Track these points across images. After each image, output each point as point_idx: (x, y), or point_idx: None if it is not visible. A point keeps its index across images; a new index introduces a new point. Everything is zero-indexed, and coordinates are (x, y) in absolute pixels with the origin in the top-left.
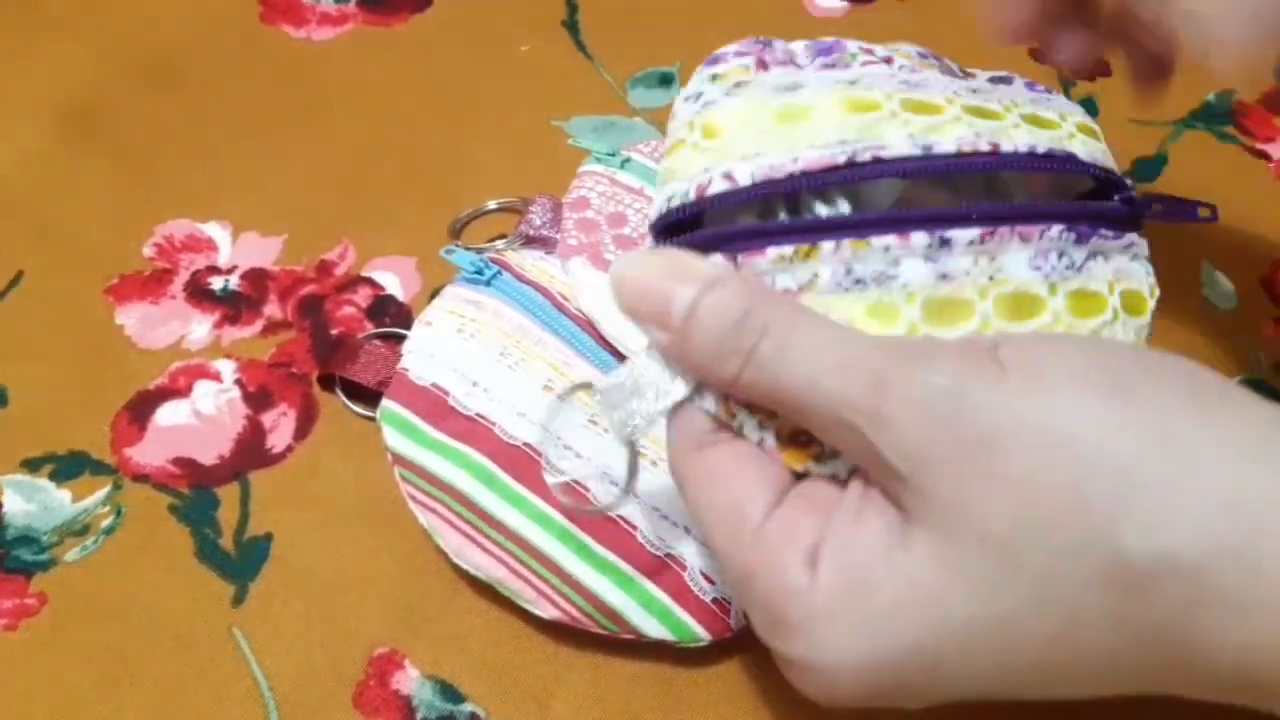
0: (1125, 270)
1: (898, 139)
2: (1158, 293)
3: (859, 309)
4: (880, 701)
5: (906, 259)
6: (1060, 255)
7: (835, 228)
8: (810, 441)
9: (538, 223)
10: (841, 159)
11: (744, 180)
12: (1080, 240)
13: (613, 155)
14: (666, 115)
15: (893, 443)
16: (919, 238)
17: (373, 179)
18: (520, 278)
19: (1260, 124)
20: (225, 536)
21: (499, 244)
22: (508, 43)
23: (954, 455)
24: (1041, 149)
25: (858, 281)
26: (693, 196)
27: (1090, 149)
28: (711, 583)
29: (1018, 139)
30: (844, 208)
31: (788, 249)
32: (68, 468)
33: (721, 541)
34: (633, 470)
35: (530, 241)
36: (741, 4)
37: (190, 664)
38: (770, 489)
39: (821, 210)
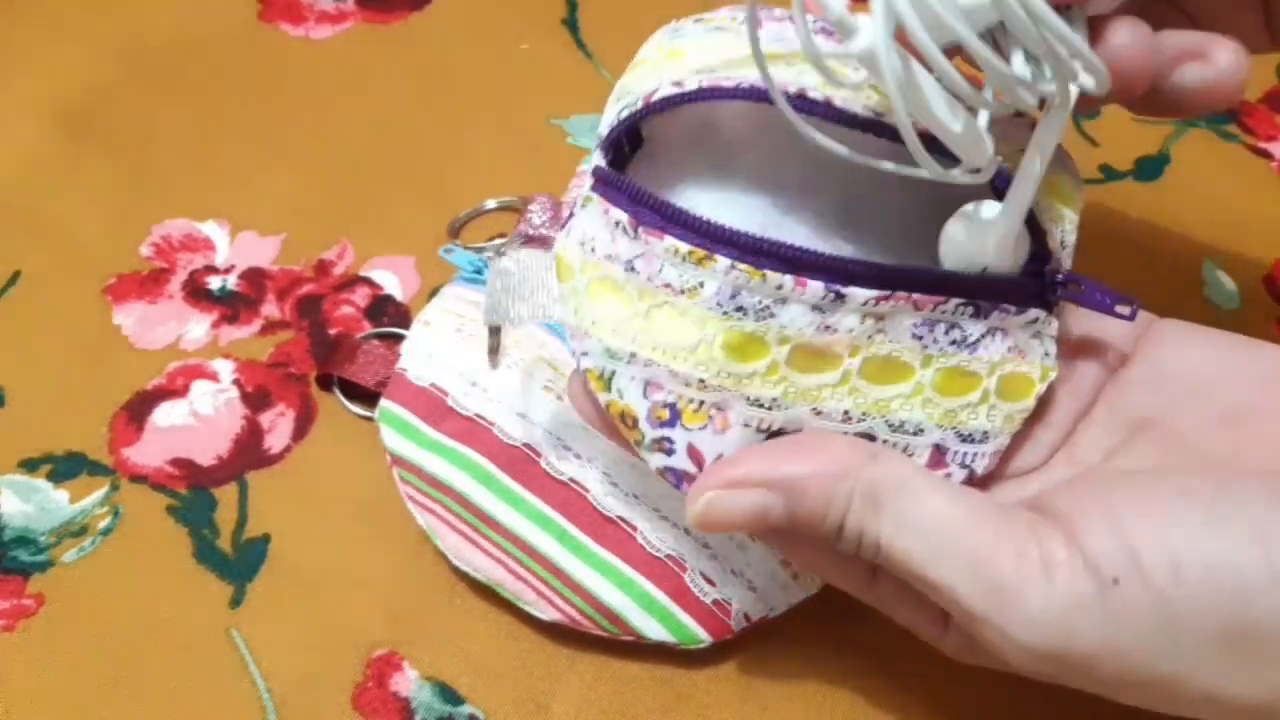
0: (1020, 348)
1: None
2: (1052, 375)
3: (726, 335)
4: None
5: (794, 304)
6: (949, 328)
7: (738, 244)
8: (634, 426)
9: (537, 222)
10: (792, 89)
11: (691, 86)
12: (978, 315)
13: None
14: None
15: (999, 661)
16: (814, 288)
17: (371, 178)
18: None
19: (1263, 123)
20: (223, 537)
21: (498, 243)
22: (507, 41)
23: (1060, 678)
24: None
25: (739, 308)
26: (640, 105)
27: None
28: (712, 584)
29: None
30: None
31: (685, 246)
32: (65, 468)
33: (839, 585)
34: (494, 345)
35: (530, 241)
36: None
37: (188, 665)
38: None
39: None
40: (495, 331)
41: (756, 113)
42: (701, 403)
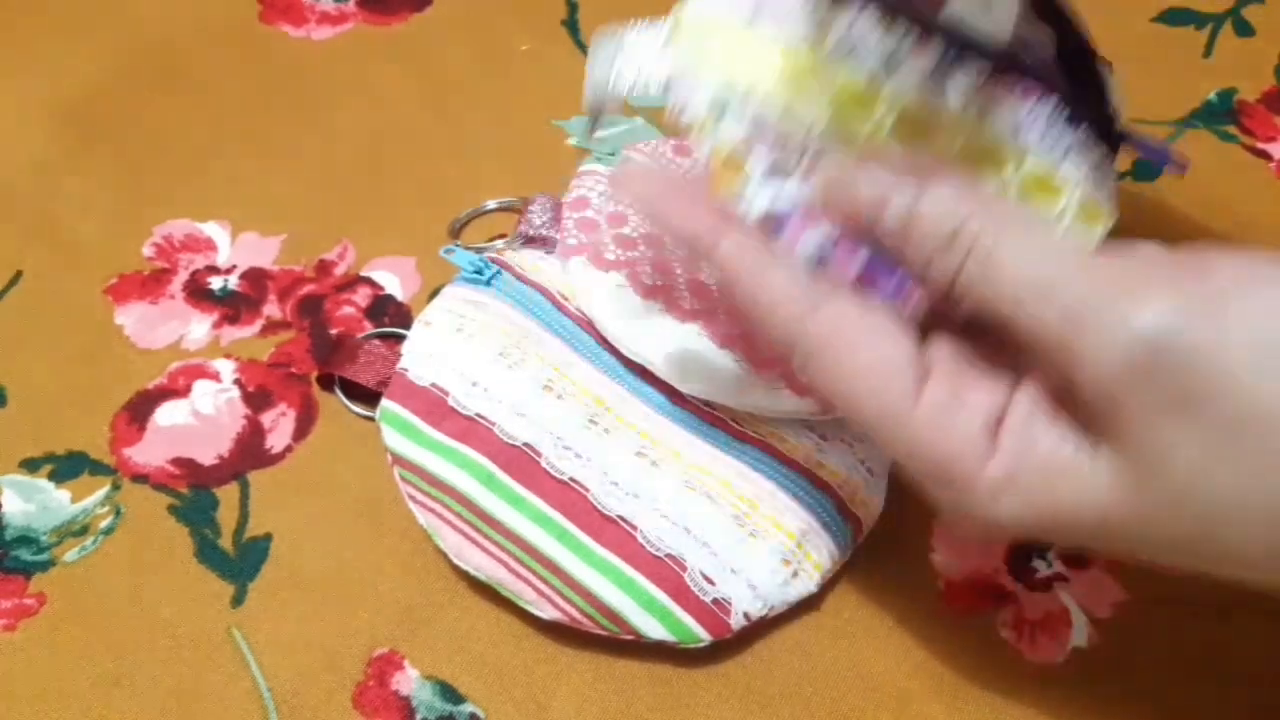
0: (1092, 181)
1: None
2: (1109, 221)
3: (841, 87)
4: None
5: (912, 63)
6: (1045, 131)
7: None
8: (740, 168)
9: (538, 223)
10: None
11: None
12: (1072, 122)
13: (613, 155)
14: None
15: (1088, 381)
16: (933, 51)
17: (372, 179)
18: (520, 278)
19: (1261, 123)
20: (224, 537)
21: (499, 244)
22: (508, 42)
23: (1151, 406)
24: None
25: (860, 58)
26: None
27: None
28: (711, 583)
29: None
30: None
31: None
32: (67, 468)
33: (873, 408)
34: (594, 125)
35: (530, 241)
36: None
37: (189, 664)
38: (909, 356)
39: None
40: (598, 112)
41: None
42: (801, 157)
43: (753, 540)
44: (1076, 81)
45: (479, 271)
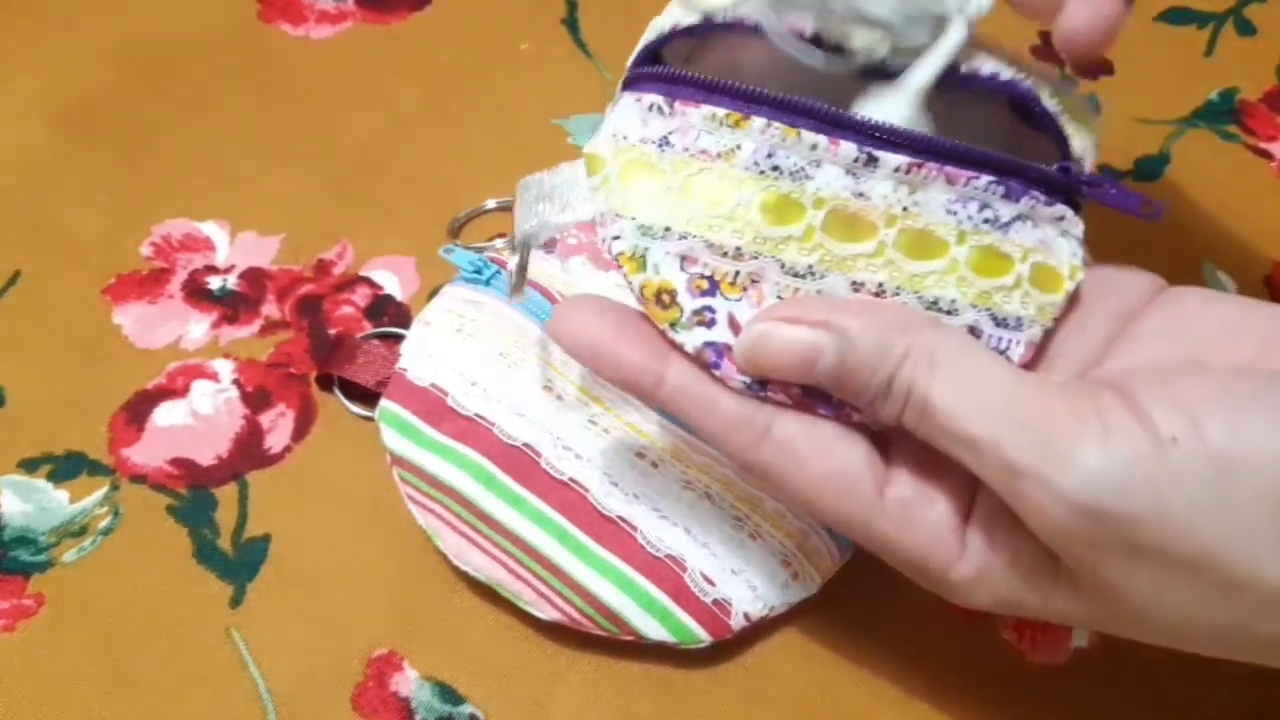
0: (1049, 243)
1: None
2: (1080, 276)
3: (763, 197)
4: None
5: (828, 165)
6: (982, 207)
7: (773, 104)
8: (672, 303)
9: None
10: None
11: (717, 20)
12: (1010, 196)
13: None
14: None
15: (1036, 529)
16: (847, 148)
17: (371, 178)
18: None
19: (1263, 123)
20: (223, 537)
21: (498, 243)
22: (507, 41)
23: (1098, 553)
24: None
25: (775, 168)
26: (668, 30)
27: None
28: (712, 584)
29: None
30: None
31: (721, 111)
32: (65, 468)
33: (837, 515)
34: (520, 271)
35: None
36: None
37: (188, 665)
38: (864, 460)
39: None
40: (524, 253)
41: (777, 58)
42: (737, 274)
43: (753, 541)
44: (1035, 127)
45: (478, 271)
